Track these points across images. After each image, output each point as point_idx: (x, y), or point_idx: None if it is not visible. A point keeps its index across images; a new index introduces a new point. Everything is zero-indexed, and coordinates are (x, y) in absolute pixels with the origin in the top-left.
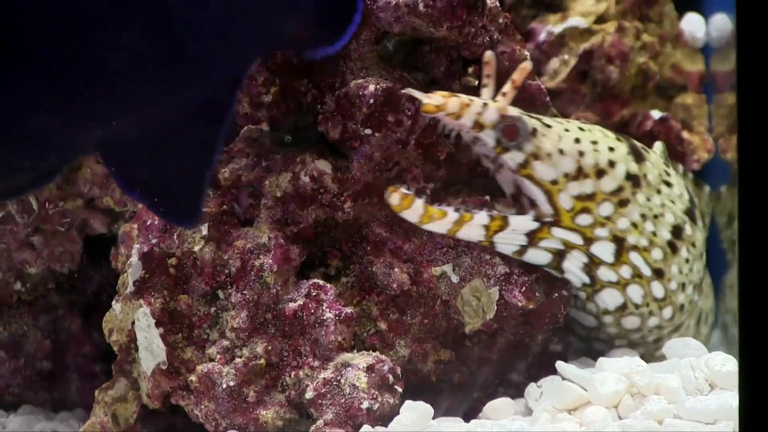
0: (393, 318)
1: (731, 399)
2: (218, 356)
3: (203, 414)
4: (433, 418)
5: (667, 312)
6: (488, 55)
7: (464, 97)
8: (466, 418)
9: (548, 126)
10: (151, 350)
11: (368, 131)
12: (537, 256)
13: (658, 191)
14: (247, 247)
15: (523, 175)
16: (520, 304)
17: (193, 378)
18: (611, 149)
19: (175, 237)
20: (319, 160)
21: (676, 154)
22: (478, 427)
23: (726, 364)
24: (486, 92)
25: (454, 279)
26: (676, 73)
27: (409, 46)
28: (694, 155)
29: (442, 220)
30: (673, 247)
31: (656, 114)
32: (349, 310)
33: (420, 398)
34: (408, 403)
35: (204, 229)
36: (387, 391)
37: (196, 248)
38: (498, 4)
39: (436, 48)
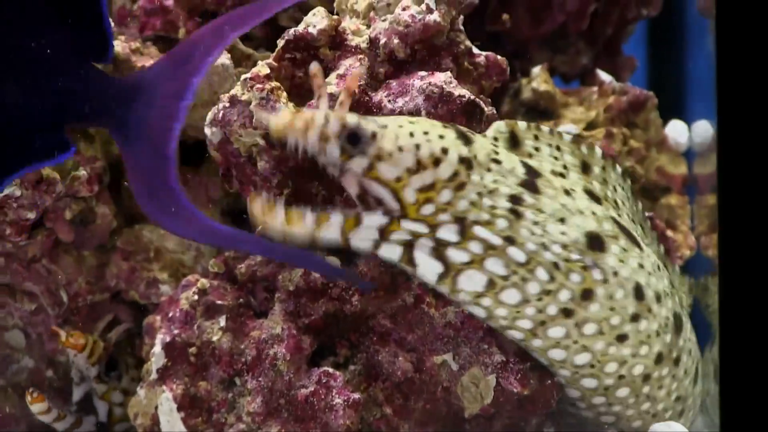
0: (397, 403)
1: None
2: None
3: None
4: None
5: (541, 273)
6: (314, 67)
7: (307, 113)
8: None
9: (384, 126)
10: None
11: None
12: (390, 251)
13: (489, 169)
14: (262, 338)
15: (370, 177)
16: (515, 390)
17: None
18: (441, 137)
19: (195, 328)
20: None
21: None
22: None
23: None
24: (323, 103)
25: (454, 367)
26: (661, 175)
27: None
28: (677, 252)
29: (303, 223)
30: (516, 214)
31: None
32: (356, 395)
33: None
34: None
35: (222, 321)
36: None
37: (215, 338)
38: (495, 112)
39: None
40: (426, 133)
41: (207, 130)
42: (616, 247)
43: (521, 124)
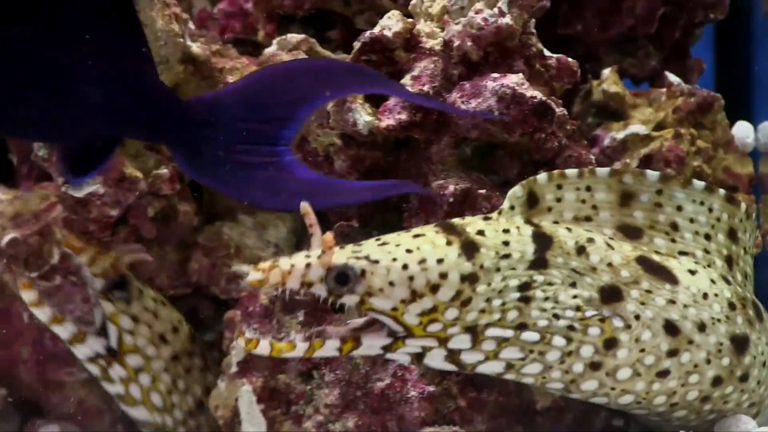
0: (471, 396)
1: None
2: (313, 430)
3: None
4: None
5: (558, 340)
6: (304, 207)
7: (286, 265)
8: None
9: (376, 262)
10: (253, 423)
11: None
12: (397, 358)
13: (498, 269)
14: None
15: (364, 309)
16: None
17: None
18: (440, 261)
19: (274, 322)
20: None
21: None
22: None
23: None
24: (315, 240)
25: None
26: (728, 175)
27: (485, 150)
28: None
29: (293, 352)
30: (526, 300)
31: None
32: (431, 388)
33: None
34: None
35: (300, 315)
36: None
37: (293, 332)
38: (566, 113)
39: (510, 152)
40: (422, 261)
41: None
42: (636, 292)
43: (541, 178)
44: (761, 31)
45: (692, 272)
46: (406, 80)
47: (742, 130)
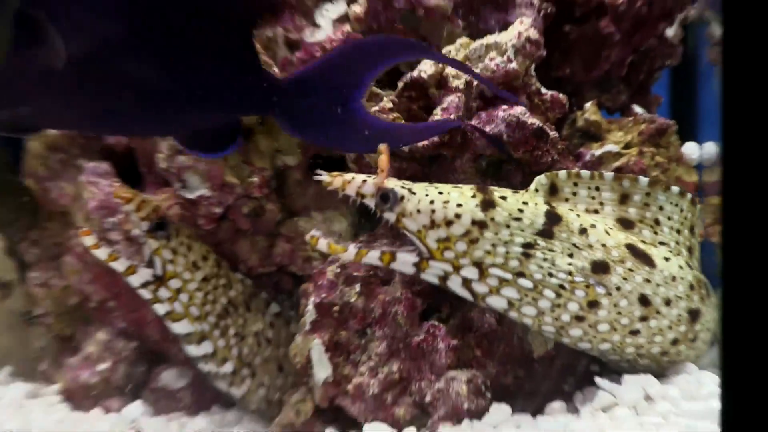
0: (485, 347)
1: (715, 404)
2: (367, 372)
3: (357, 411)
4: (511, 415)
5: (548, 293)
6: (381, 146)
7: (348, 176)
8: (533, 415)
9: (413, 193)
10: (322, 368)
11: None
12: (428, 278)
13: (507, 226)
14: (386, 299)
15: (399, 227)
16: None
17: (350, 387)
18: (459, 205)
19: (338, 292)
20: None
21: None
22: (541, 421)
23: (711, 384)
24: (383, 173)
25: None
26: (679, 183)
27: (497, 164)
28: None
29: (345, 254)
30: (527, 255)
31: None
32: (455, 342)
33: (503, 401)
34: (495, 404)
35: (357, 287)
36: (480, 396)
37: (352, 300)
38: (557, 136)
39: (515, 165)
40: (446, 202)
41: None
42: (621, 269)
43: (561, 174)
44: (705, 75)
45: (667, 259)
46: (437, 111)
47: (690, 149)
